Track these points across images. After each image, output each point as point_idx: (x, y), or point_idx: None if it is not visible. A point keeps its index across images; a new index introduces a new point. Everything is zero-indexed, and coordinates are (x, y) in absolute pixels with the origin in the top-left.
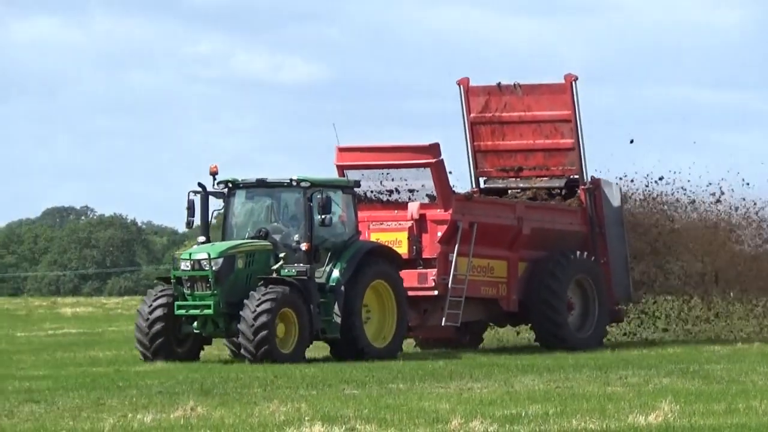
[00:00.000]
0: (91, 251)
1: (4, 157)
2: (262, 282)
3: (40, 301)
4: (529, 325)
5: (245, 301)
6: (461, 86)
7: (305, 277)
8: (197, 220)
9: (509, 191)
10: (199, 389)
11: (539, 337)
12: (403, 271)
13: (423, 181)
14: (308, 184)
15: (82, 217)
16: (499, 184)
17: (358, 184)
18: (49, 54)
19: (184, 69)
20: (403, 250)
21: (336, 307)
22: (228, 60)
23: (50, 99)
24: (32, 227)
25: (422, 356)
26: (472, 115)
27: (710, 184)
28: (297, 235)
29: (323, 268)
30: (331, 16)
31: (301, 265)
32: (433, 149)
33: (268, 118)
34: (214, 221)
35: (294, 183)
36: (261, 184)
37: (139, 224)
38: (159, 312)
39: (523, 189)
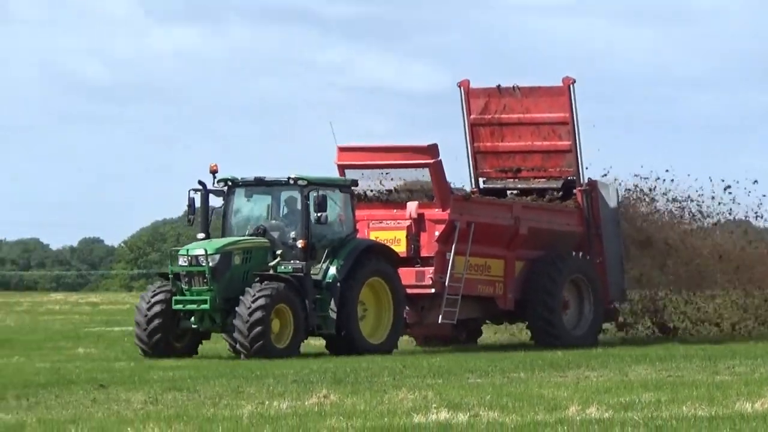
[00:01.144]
0: None
1: (146, 159)
2: (258, 278)
3: None
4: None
5: (241, 297)
6: (461, 88)
7: (301, 274)
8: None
9: (508, 192)
10: (332, 378)
11: (534, 336)
12: (402, 269)
13: (421, 181)
14: (305, 183)
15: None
16: (498, 184)
17: (355, 183)
18: (188, 61)
19: (315, 76)
20: (401, 248)
21: (332, 303)
22: (356, 67)
23: (187, 103)
24: (174, 226)
25: (540, 347)
26: (472, 116)
27: None
28: (293, 233)
29: (320, 265)
30: (453, 26)
31: (297, 262)
32: (432, 150)
33: (393, 122)
34: (213, 218)
35: (291, 181)
36: (259, 182)
37: None
38: (157, 308)
39: (522, 190)
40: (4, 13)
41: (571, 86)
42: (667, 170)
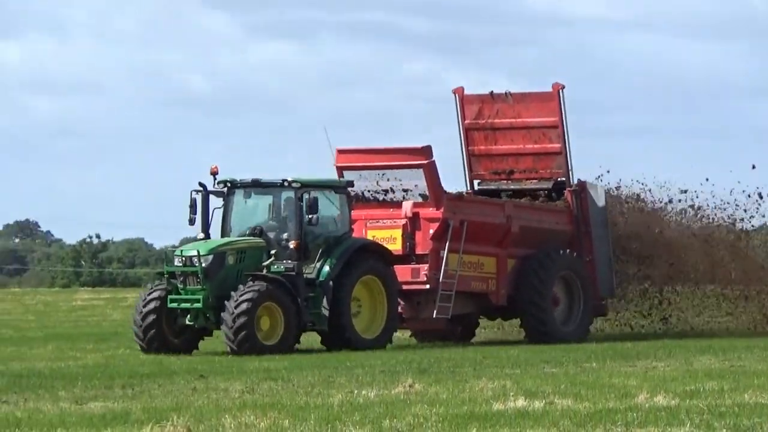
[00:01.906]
0: None
1: (242, 165)
2: (250, 278)
3: None
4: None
5: (232, 293)
6: (456, 95)
7: (293, 273)
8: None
9: (501, 194)
10: (417, 368)
11: (526, 332)
12: (398, 266)
13: (416, 181)
14: (299, 185)
15: None
16: (492, 186)
17: (351, 184)
18: (284, 74)
19: (402, 87)
20: (397, 246)
21: (324, 300)
22: (440, 78)
23: (283, 114)
24: None
25: (612, 338)
26: (466, 121)
27: None
28: (286, 234)
29: (314, 264)
30: (531, 41)
31: (289, 261)
32: (426, 151)
33: None
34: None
35: (286, 183)
36: (256, 184)
37: None
38: (152, 305)
39: (514, 191)
40: (115, 31)
41: (561, 92)
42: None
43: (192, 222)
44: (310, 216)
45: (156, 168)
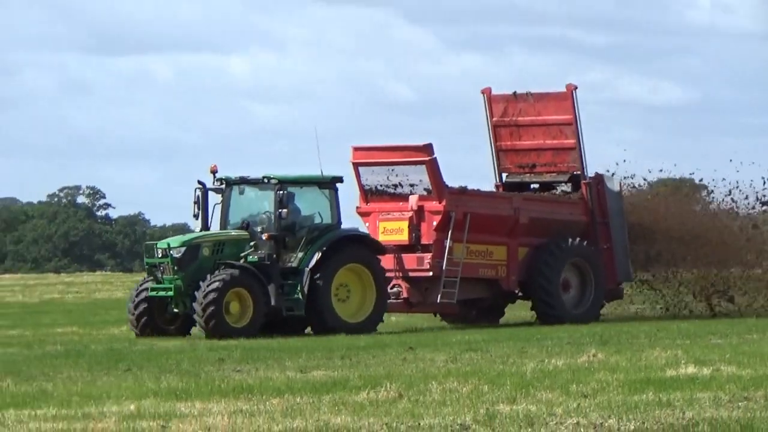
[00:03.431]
0: None
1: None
2: (222, 266)
3: None
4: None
5: (200, 283)
6: (484, 95)
7: (267, 263)
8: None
9: (531, 186)
10: (599, 340)
11: (537, 314)
12: (405, 255)
13: (421, 177)
14: (276, 181)
15: None
16: (517, 179)
17: (339, 179)
18: (475, 83)
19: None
20: (404, 237)
21: (299, 287)
22: (614, 85)
23: (472, 118)
24: None
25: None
26: (494, 119)
27: None
28: (260, 227)
29: (296, 254)
30: (695, 50)
31: (262, 252)
32: (427, 149)
33: (648, 132)
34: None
35: (265, 180)
36: (243, 181)
37: None
38: (143, 295)
39: (542, 184)
40: (328, 45)
41: (574, 92)
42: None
43: (197, 217)
44: (280, 211)
45: None
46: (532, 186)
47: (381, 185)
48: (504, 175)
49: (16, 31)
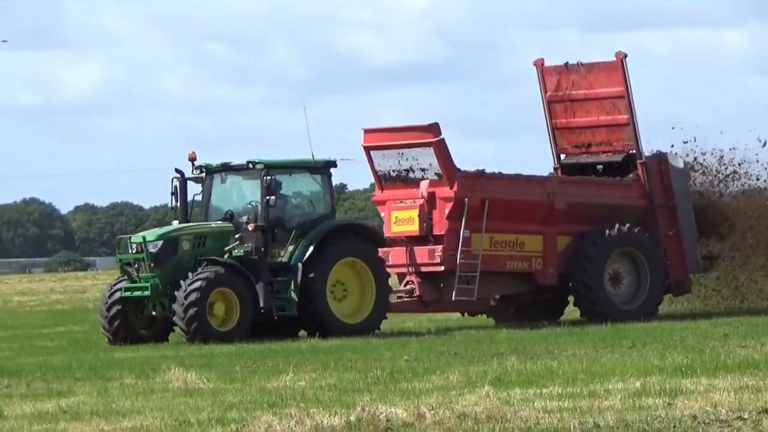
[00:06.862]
0: None
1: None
2: (204, 263)
3: None
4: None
5: (181, 282)
6: (537, 66)
7: (254, 257)
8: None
9: (597, 167)
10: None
11: (580, 311)
12: (416, 247)
13: (431, 160)
14: (262, 166)
15: None
16: (573, 160)
17: (333, 164)
18: None
19: None
20: (414, 227)
21: (292, 284)
22: None
23: None
24: None
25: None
26: (548, 93)
27: None
28: (246, 217)
29: (286, 248)
30: None
31: (248, 245)
32: (433, 128)
33: None
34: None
35: (251, 165)
36: (226, 168)
37: None
38: (117, 296)
39: (604, 164)
40: None
41: (623, 60)
42: None
43: (174, 210)
44: (267, 198)
45: None
46: (597, 167)
47: (393, 170)
48: (562, 156)
49: None
